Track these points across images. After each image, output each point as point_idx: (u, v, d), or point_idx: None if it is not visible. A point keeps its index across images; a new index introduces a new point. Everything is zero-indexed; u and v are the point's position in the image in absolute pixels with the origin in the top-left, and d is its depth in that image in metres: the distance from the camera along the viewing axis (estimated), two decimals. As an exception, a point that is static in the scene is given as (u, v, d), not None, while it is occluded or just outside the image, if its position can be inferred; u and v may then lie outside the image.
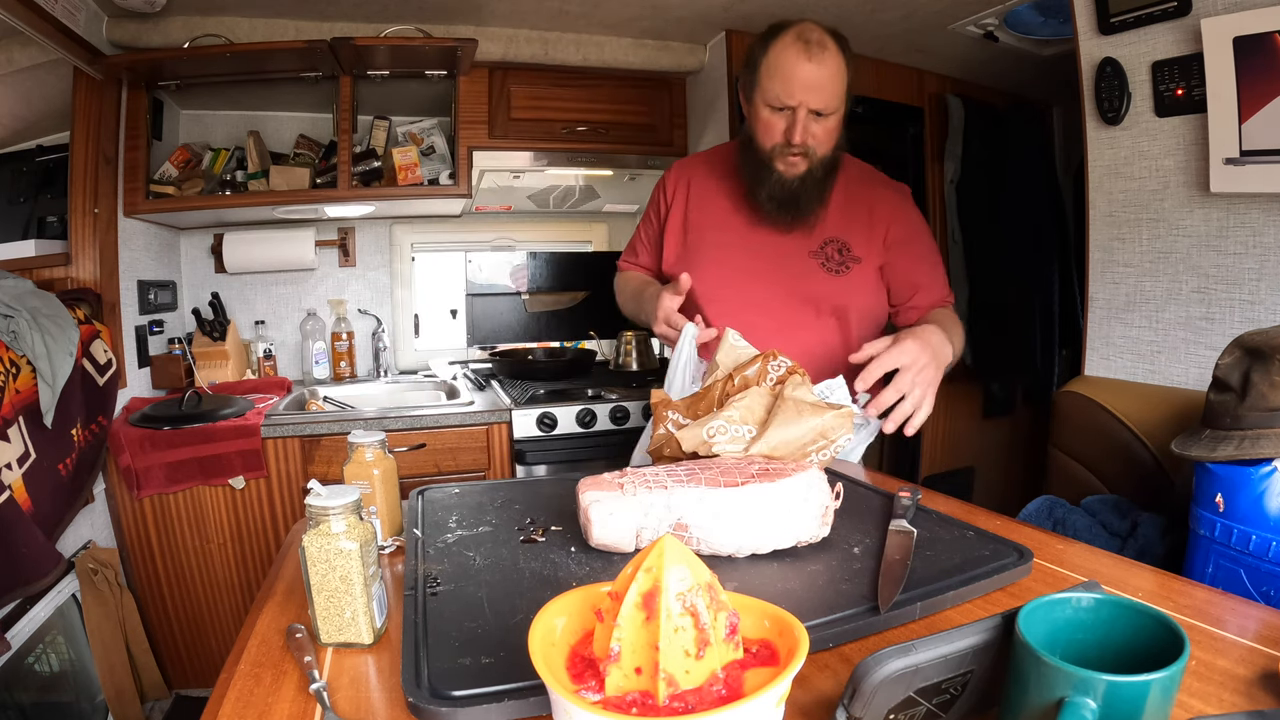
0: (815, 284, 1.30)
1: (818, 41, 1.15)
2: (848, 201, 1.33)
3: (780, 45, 1.17)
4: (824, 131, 1.21)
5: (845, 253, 1.31)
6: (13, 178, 1.82)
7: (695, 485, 0.76)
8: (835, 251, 1.31)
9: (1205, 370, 1.13)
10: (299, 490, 1.90)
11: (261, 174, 2.16)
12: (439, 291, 2.74)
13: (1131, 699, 0.39)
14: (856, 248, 1.31)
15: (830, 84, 1.17)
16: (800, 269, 1.31)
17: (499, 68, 2.20)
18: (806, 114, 1.18)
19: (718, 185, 1.38)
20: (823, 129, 1.20)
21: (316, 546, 0.60)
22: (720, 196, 1.37)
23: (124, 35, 1.86)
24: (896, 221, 1.33)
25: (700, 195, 1.39)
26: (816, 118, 1.19)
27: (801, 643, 0.43)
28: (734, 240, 1.34)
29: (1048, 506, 1.34)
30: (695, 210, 1.39)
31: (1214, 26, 1.22)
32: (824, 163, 1.23)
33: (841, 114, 1.22)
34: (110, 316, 1.85)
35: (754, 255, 1.32)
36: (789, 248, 1.31)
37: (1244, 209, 1.27)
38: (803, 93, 1.16)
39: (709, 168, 1.42)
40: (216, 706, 0.54)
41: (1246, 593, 0.93)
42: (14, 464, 1.30)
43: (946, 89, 2.61)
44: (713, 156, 1.44)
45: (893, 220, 1.33)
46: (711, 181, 1.39)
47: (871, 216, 1.32)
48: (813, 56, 1.15)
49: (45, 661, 1.55)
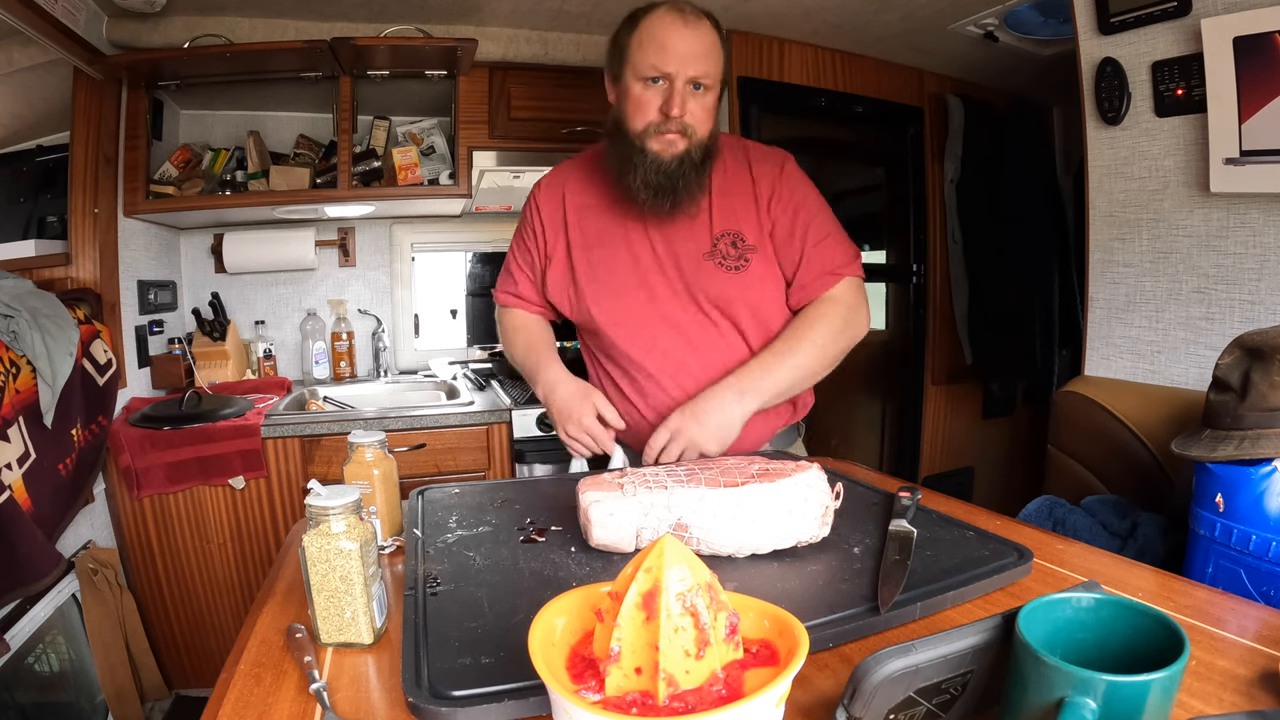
0: (718, 286, 1.19)
1: (692, 12, 1.10)
2: (727, 185, 1.22)
3: (653, 17, 1.11)
4: (703, 109, 1.12)
5: (740, 244, 1.20)
6: (13, 178, 1.82)
7: (695, 485, 0.76)
8: (729, 246, 1.21)
9: (1205, 370, 1.13)
10: (299, 490, 1.90)
11: (261, 174, 2.16)
12: (439, 291, 2.74)
13: (1131, 699, 0.39)
14: (750, 235, 1.20)
15: (709, 54, 1.10)
16: (696, 272, 1.19)
17: (499, 68, 2.20)
18: (685, 85, 1.09)
19: (596, 195, 1.25)
20: (701, 106, 1.12)
21: (316, 546, 0.60)
22: (600, 207, 1.24)
23: (124, 35, 1.86)
24: (776, 196, 1.21)
25: (578, 210, 1.25)
26: (694, 92, 1.11)
27: (801, 643, 0.43)
28: (623, 255, 1.21)
29: (1048, 506, 1.34)
30: (575, 229, 1.24)
31: (1214, 26, 1.22)
32: (702, 145, 1.13)
33: (718, 93, 1.15)
34: (110, 316, 1.85)
35: (648, 267, 1.21)
36: (682, 251, 1.20)
37: (1244, 209, 1.26)
38: (679, 61, 1.08)
39: (582, 175, 1.27)
40: (216, 706, 0.54)
41: (1246, 593, 0.93)
42: (14, 464, 1.30)
43: (946, 89, 2.61)
44: (583, 163, 1.29)
45: (772, 195, 1.21)
46: (589, 192, 1.25)
47: (755, 196, 1.21)
48: (689, 24, 1.09)
49: (45, 661, 1.55)
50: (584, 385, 1.21)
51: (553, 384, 1.22)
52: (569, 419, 1.18)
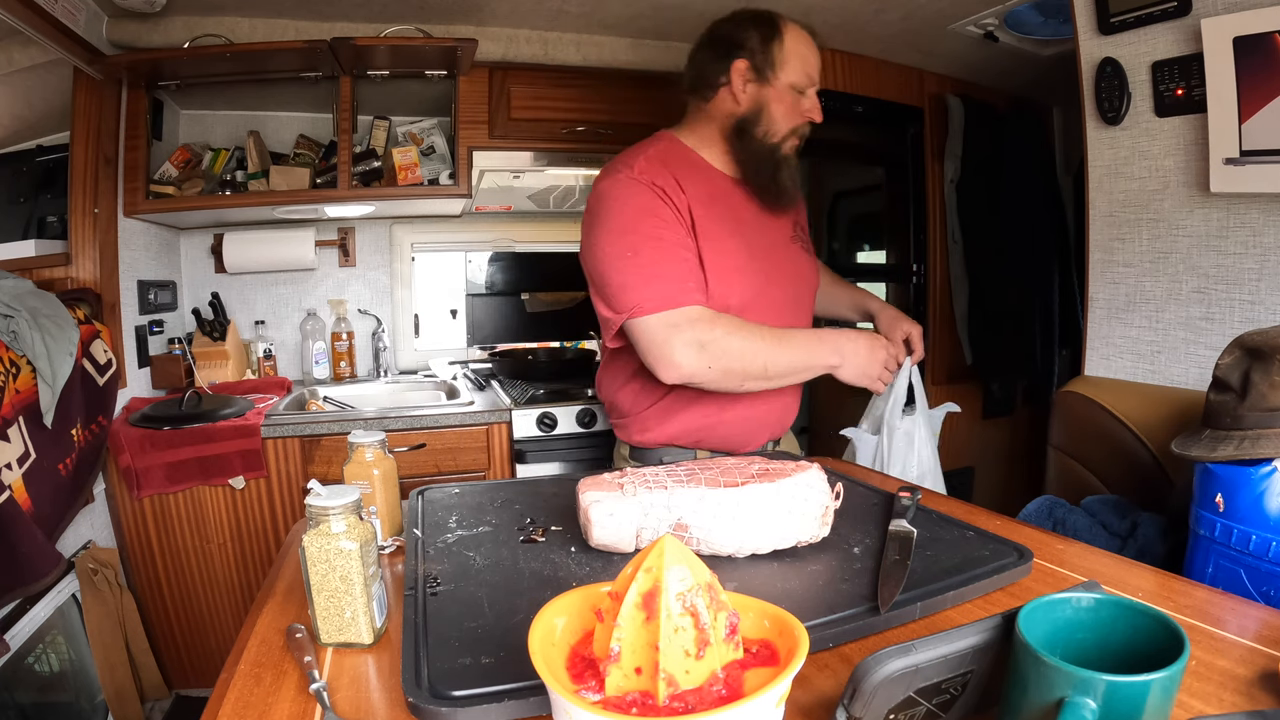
0: (805, 268, 1.36)
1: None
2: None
3: (796, 30, 1.26)
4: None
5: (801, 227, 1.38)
6: (13, 178, 1.81)
7: (695, 485, 0.76)
8: (801, 229, 1.38)
9: (1205, 370, 1.13)
10: (299, 490, 1.90)
11: (261, 174, 2.16)
12: (439, 292, 2.74)
13: (1131, 699, 0.39)
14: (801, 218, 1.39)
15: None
16: (789, 255, 1.34)
17: (499, 68, 2.20)
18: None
19: (707, 186, 1.24)
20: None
21: (316, 546, 0.60)
22: (713, 198, 1.24)
23: (124, 35, 1.86)
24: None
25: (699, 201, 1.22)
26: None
27: (801, 643, 0.43)
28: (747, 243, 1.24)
29: (1048, 506, 1.34)
30: (701, 220, 1.20)
31: (1214, 26, 1.22)
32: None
33: None
34: (110, 316, 1.85)
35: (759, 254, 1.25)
36: (778, 239, 1.33)
37: (1244, 209, 1.26)
38: (818, 75, 1.28)
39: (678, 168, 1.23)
40: (216, 706, 0.54)
41: (1246, 593, 0.93)
42: (14, 464, 1.30)
43: (946, 89, 2.61)
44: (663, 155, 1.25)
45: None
46: (698, 184, 1.23)
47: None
48: (815, 41, 1.28)
49: (45, 661, 1.55)
50: (874, 336, 1.27)
51: (853, 340, 1.21)
52: (864, 371, 1.21)
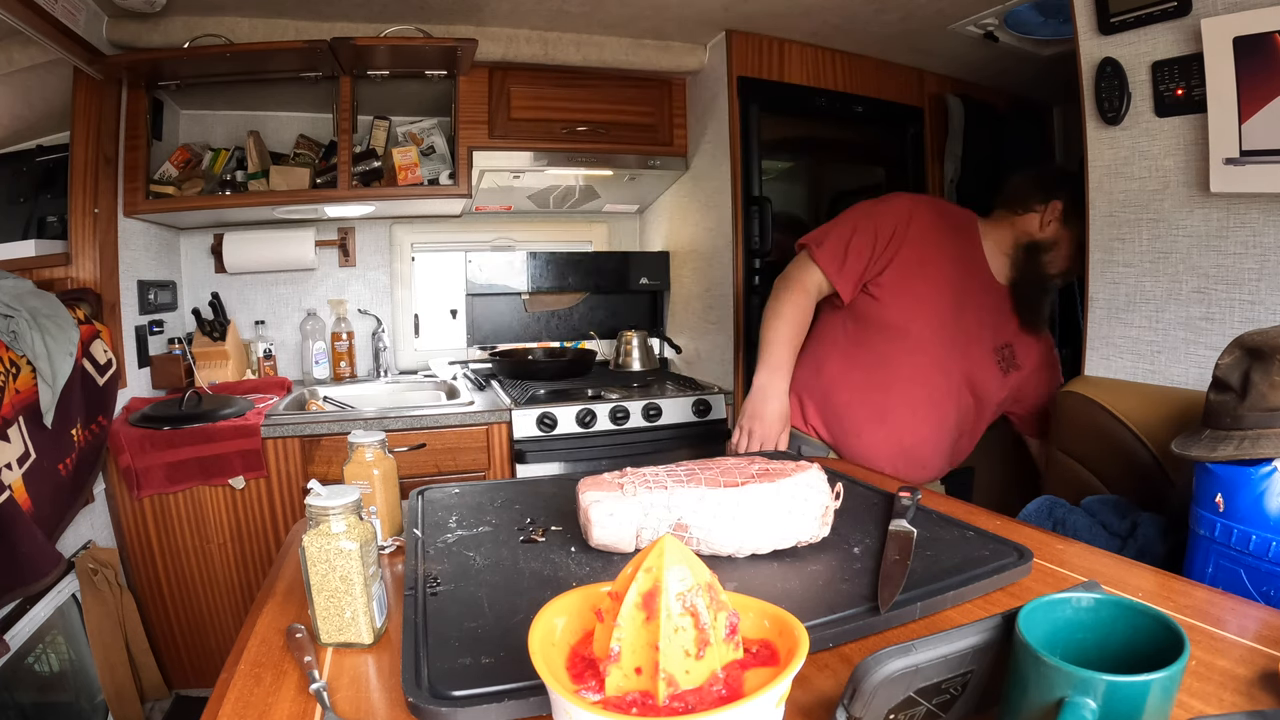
0: (987, 377, 1.51)
1: None
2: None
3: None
4: None
5: (1011, 357, 1.54)
6: (13, 178, 1.81)
7: (695, 485, 0.76)
8: (1009, 355, 1.54)
9: (1205, 370, 1.13)
10: (299, 490, 1.90)
11: (261, 174, 2.16)
12: (439, 291, 2.74)
13: (1131, 699, 0.39)
14: (1020, 355, 1.54)
15: None
16: (979, 355, 1.49)
17: (499, 68, 2.20)
18: None
19: (942, 238, 1.47)
20: None
21: (316, 546, 0.60)
22: (941, 256, 1.46)
23: (124, 35, 1.86)
24: (1045, 343, 1.59)
25: (919, 237, 1.46)
26: None
27: (801, 643, 0.43)
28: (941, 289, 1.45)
29: (1048, 506, 1.34)
30: (909, 247, 1.45)
31: (1214, 26, 1.22)
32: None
33: None
34: (110, 316, 1.84)
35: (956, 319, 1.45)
36: (977, 334, 1.48)
37: (1244, 209, 1.26)
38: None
39: (939, 227, 1.49)
40: (216, 706, 0.54)
41: (1246, 593, 0.92)
42: (14, 464, 1.30)
43: (946, 89, 2.61)
44: (942, 208, 1.56)
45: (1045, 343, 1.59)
46: (941, 229, 1.48)
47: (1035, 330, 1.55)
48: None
49: (45, 661, 1.55)
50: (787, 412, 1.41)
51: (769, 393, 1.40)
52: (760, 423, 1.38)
